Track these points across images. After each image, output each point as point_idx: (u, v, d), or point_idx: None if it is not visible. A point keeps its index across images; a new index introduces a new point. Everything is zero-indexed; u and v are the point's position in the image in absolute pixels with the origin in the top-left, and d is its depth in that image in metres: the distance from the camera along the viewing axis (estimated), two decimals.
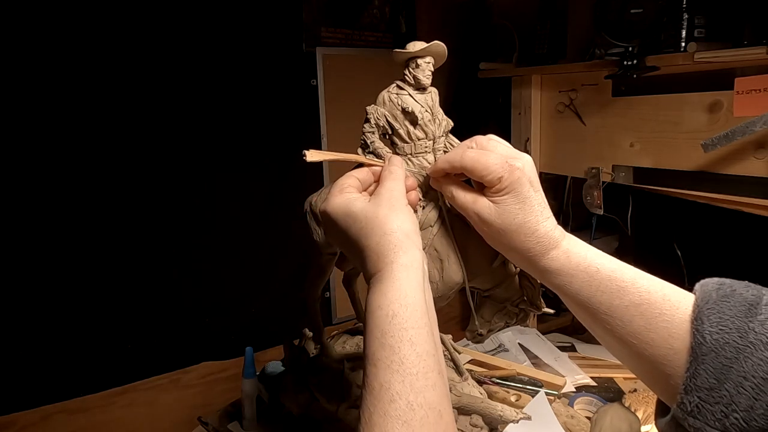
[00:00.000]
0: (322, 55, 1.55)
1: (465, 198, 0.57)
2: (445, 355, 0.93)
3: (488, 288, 0.71)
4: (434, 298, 0.73)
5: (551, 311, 0.72)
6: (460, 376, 0.91)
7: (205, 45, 1.37)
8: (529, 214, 0.54)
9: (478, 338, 0.75)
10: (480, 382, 1.06)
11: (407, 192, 0.56)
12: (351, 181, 0.56)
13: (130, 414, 1.37)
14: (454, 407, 0.81)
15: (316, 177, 1.58)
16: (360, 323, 1.03)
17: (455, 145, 0.71)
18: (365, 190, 0.58)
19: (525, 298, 0.71)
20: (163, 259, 1.39)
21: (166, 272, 1.40)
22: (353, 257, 0.54)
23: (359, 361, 0.91)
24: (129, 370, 1.37)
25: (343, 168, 0.60)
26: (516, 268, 0.70)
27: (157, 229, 1.37)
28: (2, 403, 1.22)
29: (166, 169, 1.36)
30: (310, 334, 1.01)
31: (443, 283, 0.71)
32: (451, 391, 0.84)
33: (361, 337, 1.01)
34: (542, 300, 0.72)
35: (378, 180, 0.57)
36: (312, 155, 0.57)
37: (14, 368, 1.23)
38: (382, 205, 0.51)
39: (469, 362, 1.28)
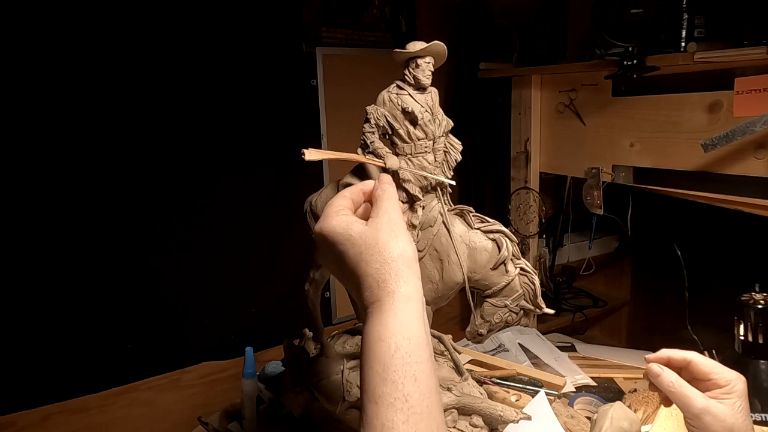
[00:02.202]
0: (322, 55, 1.55)
1: (693, 391, 0.65)
2: (445, 355, 0.93)
3: (489, 288, 0.71)
4: (434, 298, 0.74)
5: (551, 311, 0.72)
6: (460, 376, 0.91)
7: (206, 45, 1.37)
8: (750, 425, 0.64)
9: (478, 338, 0.75)
10: (480, 382, 1.06)
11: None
12: (345, 202, 0.54)
13: (130, 414, 1.37)
14: (454, 407, 0.81)
15: (316, 177, 1.58)
16: (360, 323, 1.03)
17: (455, 145, 0.71)
18: (355, 211, 0.56)
19: (525, 298, 0.71)
20: (163, 259, 1.39)
21: (166, 272, 1.40)
22: (348, 282, 0.52)
23: (359, 360, 0.90)
24: (129, 370, 1.37)
25: (343, 167, 0.61)
26: (515, 268, 0.70)
27: (157, 229, 1.37)
28: (2, 403, 1.22)
29: (167, 169, 1.36)
30: (310, 334, 1.01)
31: (443, 283, 0.71)
32: (451, 391, 0.84)
33: (361, 337, 1.01)
34: (542, 300, 0.71)
35: (370, 201, 0.55)
36: (311, 154, 0.57)
37: (14, 368, 1.23)
38: (382, 230, 0.49)
39: (469, 362, 1.28)
